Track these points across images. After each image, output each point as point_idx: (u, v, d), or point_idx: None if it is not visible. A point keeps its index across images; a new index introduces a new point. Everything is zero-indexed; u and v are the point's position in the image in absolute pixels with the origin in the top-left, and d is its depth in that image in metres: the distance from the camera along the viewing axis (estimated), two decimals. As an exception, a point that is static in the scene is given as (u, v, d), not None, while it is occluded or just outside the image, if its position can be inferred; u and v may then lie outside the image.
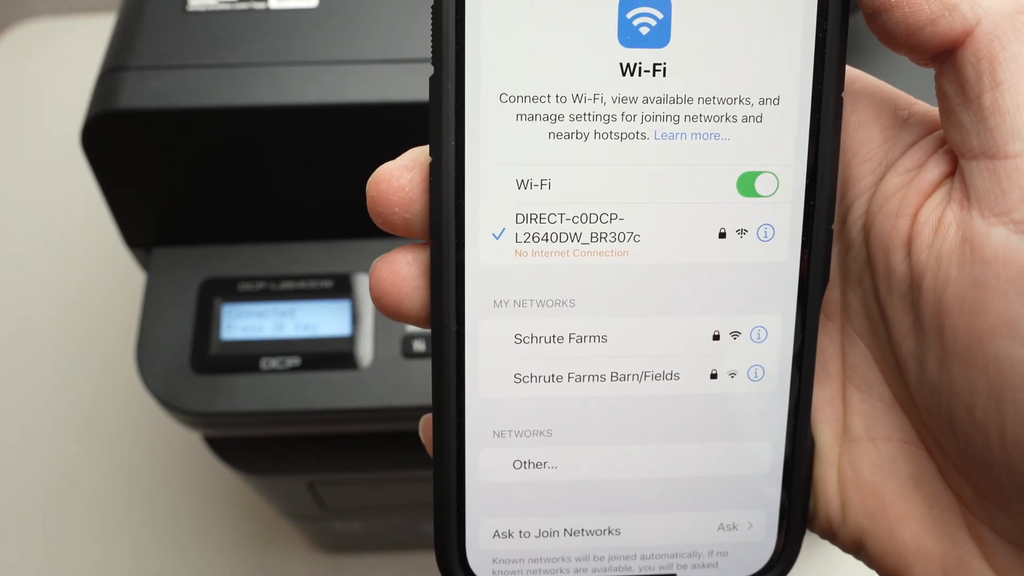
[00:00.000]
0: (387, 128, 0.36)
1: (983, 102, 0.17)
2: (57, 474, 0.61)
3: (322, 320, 0.39)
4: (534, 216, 0.20)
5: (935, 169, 0.19)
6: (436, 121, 0.19)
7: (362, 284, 0.39)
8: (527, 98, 0.19)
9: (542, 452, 0.21)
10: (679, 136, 0.19)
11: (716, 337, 0.20)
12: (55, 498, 0.60)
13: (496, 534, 0.21)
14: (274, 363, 0.38)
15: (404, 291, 0.20)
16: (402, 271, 0.20)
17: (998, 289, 0.17)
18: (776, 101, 0.19)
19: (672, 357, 0.20)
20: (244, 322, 0.38)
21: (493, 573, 0.21)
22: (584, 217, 0.20)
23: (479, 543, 0.21)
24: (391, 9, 0.39)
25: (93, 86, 0.37)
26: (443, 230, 0.19)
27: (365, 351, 0.38)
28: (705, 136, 0.20)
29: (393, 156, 0.21)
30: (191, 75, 0.36)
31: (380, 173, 0.20)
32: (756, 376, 0.21)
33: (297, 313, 0.39)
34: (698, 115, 0.19)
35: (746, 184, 0.20)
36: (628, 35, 0.19)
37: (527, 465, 0.21)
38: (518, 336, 0.20)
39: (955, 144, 0.18)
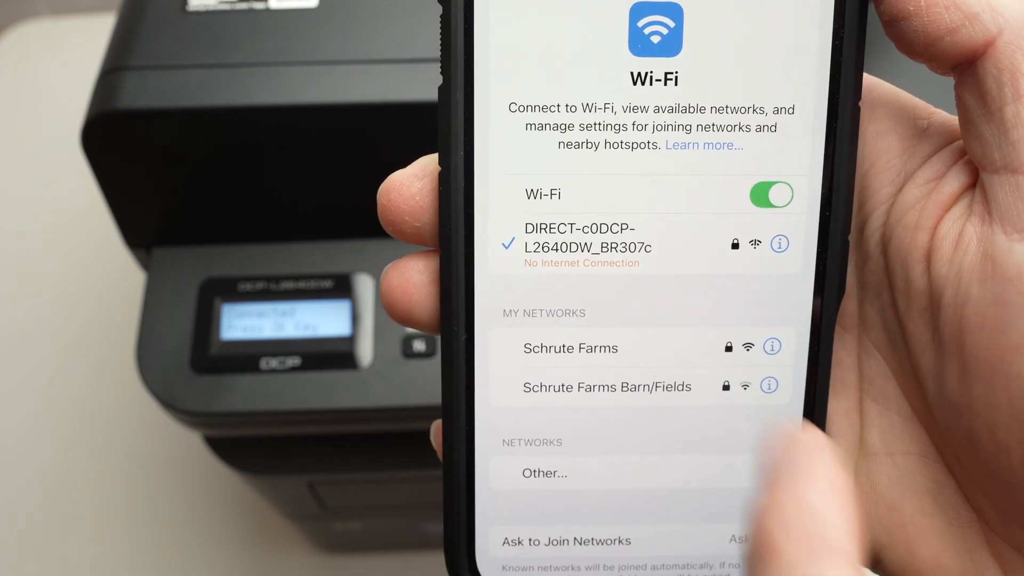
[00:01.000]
0: (387, 128, 0.36)
1: (1005, 115, 0.17)
2: (57, 474, 0.61)
3: (322, 320, 0.39)
4: (544, 226, 0.20)
5: (955, 181, 0.19)
6: (445, 130, 0.19)
7: (362, 284, 0.39)
8: (536, 107, 0.19)
9: (552, 461, 0.21)
10: (691, 146, 0.19)
11: (729, 348, 0.20)
12: (55, 498, 0.60)
13: (506, 541, 0.21)
14: (274, 363, 0.38)
15: (415, 299, 0.20)
16: (413, 278, 0.20)
17: (1021, 307, 0.16)
18: (791, 110, 0.19)
19: (683, 368, 0.20)
20: (244, 322, 0.38)
21: None
22: (594, 227, 0.20)
23: (489, 550, 0.21)
24: (391, 9, 0.39)
25: (93, 86, 0.37)
26: (452, 239, 0.19)
27: (365, 351, 0.38)
28: (718, 146, 0.19)
29: (393, 156, 0.21)
30: (191, 75, 0.36)
31: (391, 182, 0.20)
32: (769, 388, 0.21)
33: (297, 313, 0.39)
34: (710, 124, 0.19)
35: (760, 194, 0.20)
36: (639, 43, 0.19)
37: (537, 474, 0.21)
38: (528, 345, 0.20)
39: (976, 157, 0.18)
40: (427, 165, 0.20)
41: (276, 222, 0.40)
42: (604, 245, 0.20)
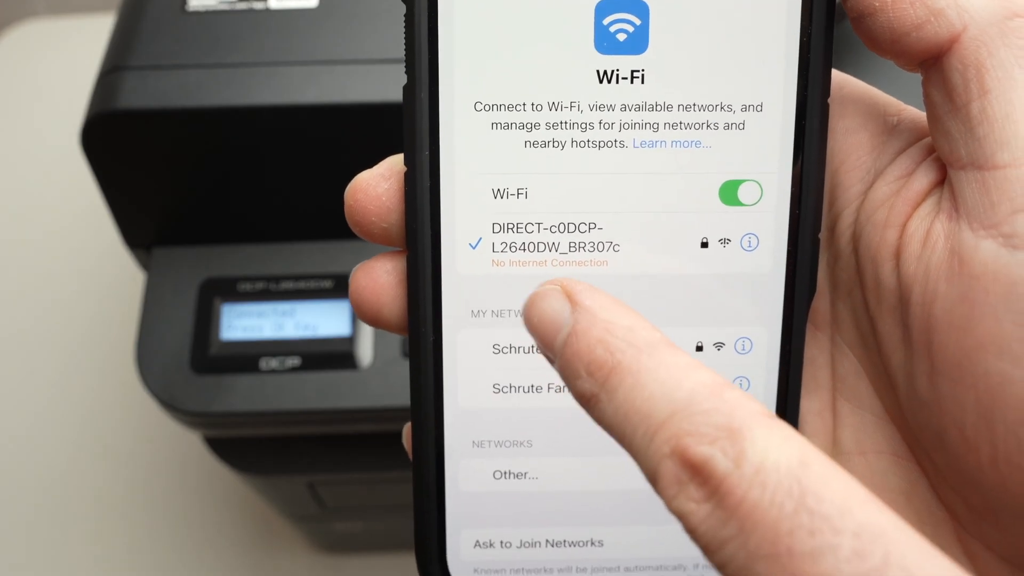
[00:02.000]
0: (386, 128, 0.36)
1: (971, 110, 0.17)
2: (57, 474, 0.61)
3: (322, 320, 0.39)
4: (511, 226, 0.19)
5: (924, 178, 0.19)
6: (410, 130, 0.19)
7: (362, 284, 0.39)
8: (502, 106, 0.19)
9: (522, 463, 0.21)
10: (658, 144, 0.19)
11: (699, 348, 0.20)
12: (55, 498, 0.60)
13: (477, 544, 0.21)
14: (274, 363, 0.38)
15: (383, 300, 0.20)
16: (381, 279, 0.20)
17: (987, 305, 0.16)
18: (759, 108, 0.19)
19: None
20: (244, 322, 0.38)
21: None
22: (562, 227, 0.19)
23: (460, 553, 0.21)
24: (391, 9, 0.39)
25: (93, 86, 0.37)
26: (419, 240, 0.19)
27: (365, 351, 0.38)
28: (685, 144, 0.19)
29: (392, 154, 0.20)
30: (191, 75, 0.36)
31: (357, 182, 0.20)
32: (741, 388, 0.20)
33: (297, 313, 0.39)
34: (678, 123, 0.19)
35: (728, 193, 0.19)
36: (605, 41, 0.19)
37: (507, 475, 0.21)
38: (496, 346, 0.20)
39: (943, 153, 0.18)
40: (394, 165, 0.20)
41: (276, 222, 0.40)
42: (572, 245, 0.20)
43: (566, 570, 0.21)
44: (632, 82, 0.19)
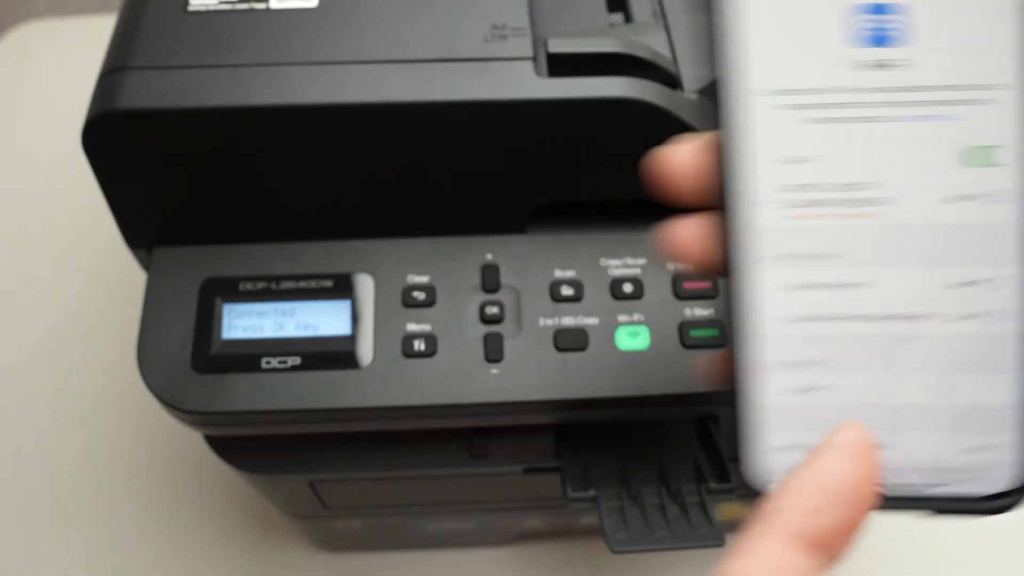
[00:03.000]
0: (387, 128, 0.36)
1: None
2: (57, 473, 0.61)
3: (322, 320, 0.39)
4: (800, 186, 0.25)
5: None
6: (722, 113, 0.25)
7: (362, 284, 0.39)
8: (790, 91, 0.24)
9: (820, 379, 0.25)
10: (921, 119, 0.24)
11: (969, 284, 0.25)
12: (55, 497, 0.60)
13: (781, 448, 0.26)
14: (275, 363, 0.38)
15: (696, 248, 0.26)
16: (693, 232, 0.26)
17: None
18: (1009, 87, 0.24)
19: (926, 301, 0.25)
20: (245, 322, 0.38)
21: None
22: (842, 186, 0.25)
23: (768, 455, 0.26)
24: (391, 9, 0.39)
25: (93, 86, 0.37)
26: (731, 200, 0.25)
27: (365, 351, 0.38)
28: (943, 117, 0.24)
29: (392, 155, 0.20)
30: (191, 75, 0.36)
31: (672, 153, 0.26)
32: (1003, 318, 0.25)
33: (298, 313, 0.39)
34: (938, 100, 0.24)
35: (981, 156, 0.24)
36: (876, 36, 0.24)
37: (806, 391, 0.25)
38: (793, 283, 0.25)
39: None
40: (701, 140, 0.25)
41: (276, 222, 0.40)
42: (849, 201, 0.25)
43: None
44: (899, 69, 0.24)
